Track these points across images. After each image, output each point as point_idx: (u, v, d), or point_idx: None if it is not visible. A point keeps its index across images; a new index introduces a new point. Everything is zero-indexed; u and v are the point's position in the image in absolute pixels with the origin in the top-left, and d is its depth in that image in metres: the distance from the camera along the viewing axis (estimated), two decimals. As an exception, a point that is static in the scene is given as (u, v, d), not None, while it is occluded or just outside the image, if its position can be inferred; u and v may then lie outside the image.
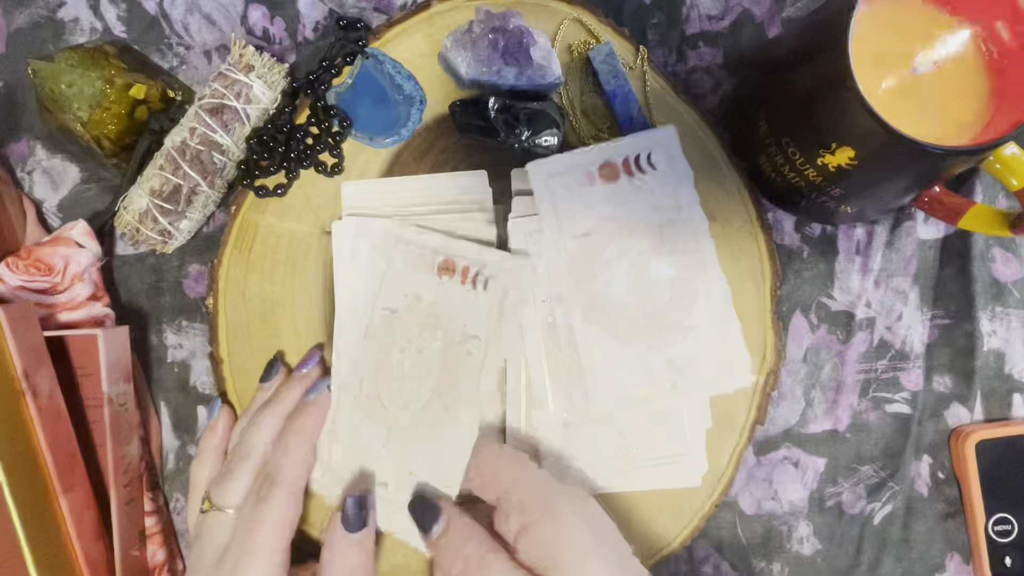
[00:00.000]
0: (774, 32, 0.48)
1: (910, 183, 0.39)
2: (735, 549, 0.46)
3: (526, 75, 0.42)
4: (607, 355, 0.41)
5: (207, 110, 0.42)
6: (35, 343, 0.39)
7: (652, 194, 0.42)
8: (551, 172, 0.42)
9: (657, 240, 0.41)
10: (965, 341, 0.47)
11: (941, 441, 0.47)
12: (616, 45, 0.45)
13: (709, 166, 0.45)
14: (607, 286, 0.41)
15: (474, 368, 0.41)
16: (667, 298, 0.41)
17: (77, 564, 0.39)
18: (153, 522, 0.44)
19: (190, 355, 0.46)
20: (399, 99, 0.45)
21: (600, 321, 0.41)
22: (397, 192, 0.44)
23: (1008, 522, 0.45)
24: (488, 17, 0.42)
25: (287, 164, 0.44)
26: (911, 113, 0.37)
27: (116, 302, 0.46)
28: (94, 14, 0.47)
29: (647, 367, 0.41)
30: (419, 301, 0.41)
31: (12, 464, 0.36)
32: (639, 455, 0.42)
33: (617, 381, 0.41)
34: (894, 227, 0.47)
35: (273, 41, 0.47)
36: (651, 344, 0.41)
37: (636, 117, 0.44)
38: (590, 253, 0.42)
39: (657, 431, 0.42)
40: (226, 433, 0.42)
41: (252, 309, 0.44)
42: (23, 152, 0.47)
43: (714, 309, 0.41)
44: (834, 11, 0.35)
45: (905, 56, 0.37)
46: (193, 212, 0.44)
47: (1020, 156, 0.35)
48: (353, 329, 0.42)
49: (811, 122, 0.38)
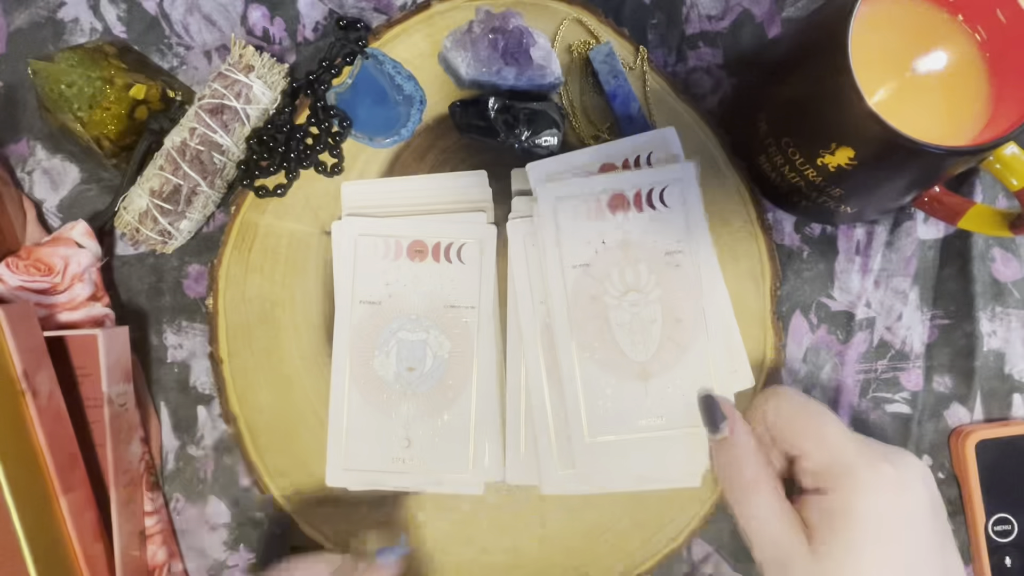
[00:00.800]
0: (774, 32, 0.48)
1: (910, 183, 0.39)
2: (735, 549, 0.46)
3: (526, 75, 0.42)
4: (600, 389, 0.41)
5: (207, 110, 0.42)
6: (35, 343, 0.39)
7: (661, 230, 0.42)
8: (551, 173, 0.42)
9: (660, 273, 0.42)
10: (965, 341, 0.47)
11: (941, 441, 0.47)
12: (616, 45, 0.45)
13: (709, 166, 0.45)
14: (605, 319, 0.41)
15: (474, 335, 0.42)
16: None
17: (77, 564, 0.39)
18: (153, 522, 0.44)
19: (190, 355, 0.46)
20: (399, 99, 0.45)
21: (596, 355, 0.41)
22: (397, 192, 0.44)
23: (1008, 522, 0.45)
24: (488, 17, 0.42)
25: (287, 164, 0.44)
26: (911, 113, 0.37)
27: (116, 302, 0.46)
28: (94, 14, 0.47)
29: (641, 402, 0.41)
30: (404, 289, 0.43)
31: (12, 464, 0.36)
32: (636, 456, 0.42)
33: (609, 417, 0.41)
34: (894, 227, 0.47)
35: (273, 41, 0.47)
36: (646, 379, 0.41)
37: (636, 117, 0.44)
38: (589, 284, 0.42)
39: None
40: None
41: (252, 309, 0.44)
42: (23, 152, 0.47)
43: (713, 332, 0.42)
44: (834, 11, 0.35)
45: (905, 56, 0.37)
46: (193, 212, 0.44)
47: (1020, 156, 0.35)
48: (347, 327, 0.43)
49: (811, 122, 0.38)
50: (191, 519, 0.45)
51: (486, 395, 0.43)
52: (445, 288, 0.43)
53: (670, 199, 0.42)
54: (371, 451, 0.42)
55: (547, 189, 0.42)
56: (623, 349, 0.41)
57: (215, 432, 0.46)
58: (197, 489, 0.45)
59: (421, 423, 0.42)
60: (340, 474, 0.42)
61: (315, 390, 0.44)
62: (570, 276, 0.42)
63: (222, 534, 0.45)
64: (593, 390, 0.41)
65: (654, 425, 0.41)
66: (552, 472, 0.42)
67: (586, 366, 0.41)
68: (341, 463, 0.42)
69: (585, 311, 0.42)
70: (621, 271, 0.42)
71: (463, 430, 0.42)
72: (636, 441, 0.41)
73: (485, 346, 0.43)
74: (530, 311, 0.42)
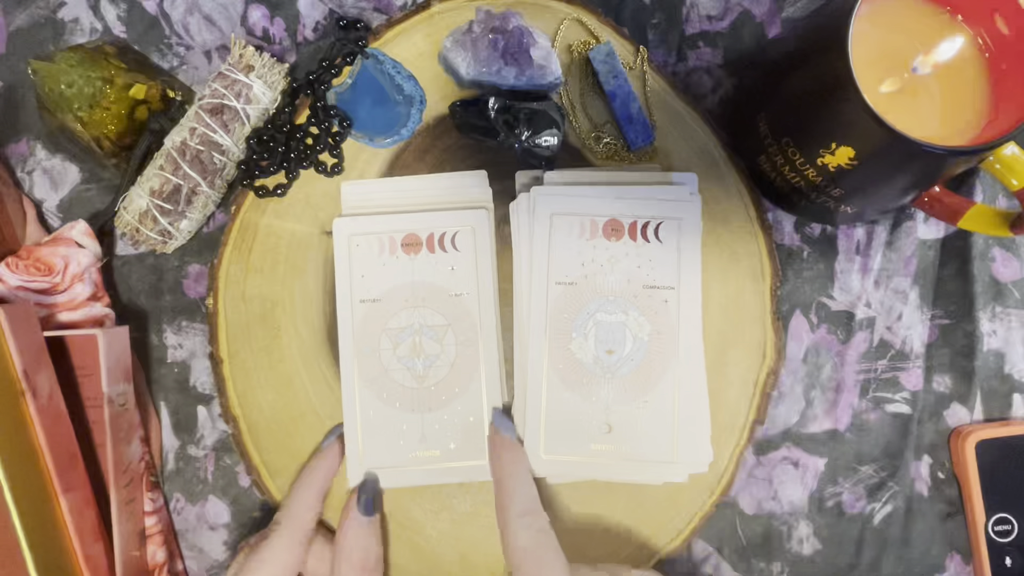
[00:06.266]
0: (774, 32, 0.48)
1: (910, 183, 0.39)
2: (735, 549, 0.46)
3: (526, 75, 0.42)
4: (560, 406, 0.42)
5: (207, 110, 0.42)
6: (35, 343, 0.39)
7: (651, 264, 0.42)
8: (555, 194, 0.42)
9: (643, 307, 0.42)
10: (965, 341, 0.47)
11: (941, 441, 0.47)
12: (616, 45, 0.45)
13: (709, 166, 0.45)
14: (580, 338, 0.42)
15: (476, 322, 0.43)
16: (634, 366, 0.42)
17: (77, 564, 0.39)
18: (153, 522, 0.44)
19: (190, 355, 0.46)
20: (399, 99, 0.45)
21: (563, 371, 0.42)
22: (397, 192, 0.44)
23: (1008, 522, 0.45)
24: (488, 17, 0.42)
25: (287, 164, 0.44)
26: (911, 113, 0.37)
27: (116, 302, 0.46)
28: (94, 14, 0.47)
29: (596, 428, 0.41)
30: (402, 282, 0.43)
31: (12, 464, 0.36)
32: (626, 450, 0.42)
33: (563, 435, 0.42)
34: (894, 227, 0.47)
35: (273, 41, 0.47)
36: (605, 406, 0.42)
37: (636, 117, 0.44)
38: (572, 302, 0.42)
39: (655, 430, 0.42)
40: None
41: (252, 309, 0.44)
42: (23, 152, 0.47)
43: (683, 391, 0.42)
44: (834, 11, 0.35)
45: (905, 56, 0.37)
46: (193, 212, 0.44)
47: (1020, 156, 0.35)
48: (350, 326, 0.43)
49: (811, 122, 0.38)
50: (191, 519, 0.45)
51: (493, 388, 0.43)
52: (643, 268, 0.42)
53: (666, 235, 0.42)
54: (389, 453, 0.42)
55: (545, 202, 0.42)
56: (592, 374, 0.42)
57: (215, 432, 0.46)
58: (197, 489, 0.45)
59: (443, 424, 0.43)
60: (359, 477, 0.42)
61: (315, 390, 0.44)
62: (554, 292, 0.42)
63: (222, 534, 0.45)
64: (555, 409, 0.42)
65: (606, 457, 0.42)
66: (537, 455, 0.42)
67: (554, 380, 0.42)
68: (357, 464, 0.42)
69: (563, 326, 0.42)
70: (604, 297, 0.42)
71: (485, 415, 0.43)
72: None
73: (485, 331, 0.43)
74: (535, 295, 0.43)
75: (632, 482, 0.43)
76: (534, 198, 0.42)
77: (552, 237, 0.42)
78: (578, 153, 0.45)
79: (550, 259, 0.42)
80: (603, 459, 0.42)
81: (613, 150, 0.45)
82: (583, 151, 0.45)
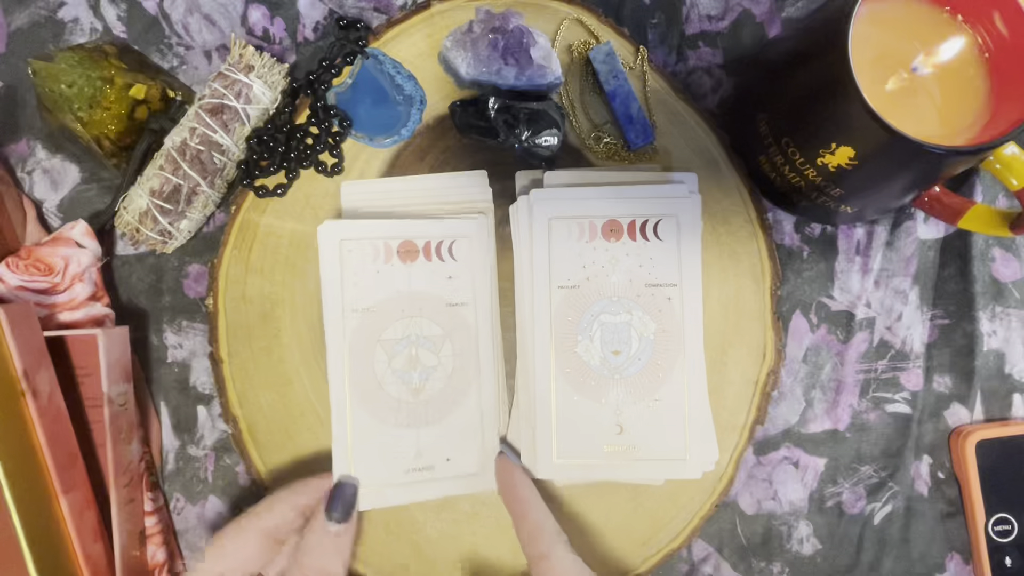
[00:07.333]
0: (774, 32, 0.48)
1: (910, 183, 0.39)
2: (735, 549, 0.46)
3: (526, 75, 0.42)
4: (571, 409, 0.41)
5: (207, 110, 0.42)
6: (35, 343, 0.39)
7: (652, 262, 0.42)
8: (552, 198, 0.42)
9: (647, 306, 0.42)
10: (965, 341, 0.47)
11: (941, 441, 0.47)
12: (616, 45, 0.45)
13: (709, 166, 0.45)
14: (586, 341, 0.42)
15: (474, 332, 0.42)
16: (641, 366, 0.42)
17: (77, 564, 0.39)
18: (153, 522, 0.44)
19: (190, 355, 0.46)
20: (399, 99, 0.45)
21: (571, 375, 0.41)
22: (397, 192, 0.44)
23: (1008, 522, 0.45)
24: (488, 17, 0.42)
25: (287, 164, 0.44)
26: (911, 113, 0.37)
27: (116, 302, 0.46)
28: (94, 14, 0.47)
29: (607, 429, 0.41)
30: (397, 291, 0.42)
31: (12, 464, 0.36)
32: (638, 450, 0.42)
33: (574, 438, 0.41)
34: (894, 227, 0.47)
35: (273, 41, 0.47)
36: (615, 407, 0.41)
37: (636, 117, 0.44)
38: (575, 305, 0.42)
39: (666, 428, 0.42)
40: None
41: (252, 309, 0.44)
42: (23, 152, 0.47)
43: (691, 388, 0.42)
44: (834, 11, 0.35)
45: (905, 56, 0.37)
46: (193, 212, 0.43)
47: (1020, 156, 0.35)
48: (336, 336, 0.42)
49: (811, 122, 0.38)
50: (191, 519, 0.45)
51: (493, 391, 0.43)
52: (645, 267, 0.42)
53: (665, 233, 0.42)
54: (385, 464, 0.41)
55: (543, 207, 0.42)
56: (598, 376, 0.42)
57: (215, 432, 0.46)
58: (197, 489, 0.45)
59: (438, 436, 0.42)
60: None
61: (315, 390, 0.44)
62: (557, 296, 0.42)
63: (222, 534, 0.45)
64: (565, 414, 0.42)
65: (616, 458, 0.42)
66: (547, 458, 0.42)
67: (560, 384, 0.42)
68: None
69: (566, 330, 0.42)
70: (606, 299, 0.42)
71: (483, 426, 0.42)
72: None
73: (484, 336, 0.43)
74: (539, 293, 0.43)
75: (646, 482, 0.43)
76: (531, 203, 0.42)
77: (551, 242, 0.42)
78: (578, 153, 0.45)
79: (551, 264, 0.42)
80: (616, 460, 0.42)
81: (613, 150, 0.45)
82: (583, 151, 0.45)
